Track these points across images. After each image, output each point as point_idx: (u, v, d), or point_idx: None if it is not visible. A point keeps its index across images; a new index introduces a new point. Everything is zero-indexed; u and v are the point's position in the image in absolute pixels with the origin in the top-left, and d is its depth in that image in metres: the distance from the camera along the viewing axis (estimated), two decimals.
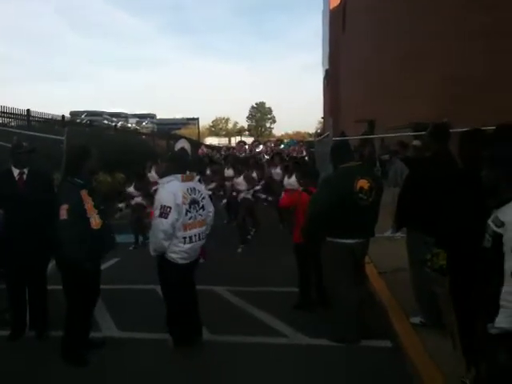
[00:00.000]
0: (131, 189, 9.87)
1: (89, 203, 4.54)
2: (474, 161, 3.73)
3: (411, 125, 13.92)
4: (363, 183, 4.84)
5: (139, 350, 4.95)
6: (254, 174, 10.63)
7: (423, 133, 5.68)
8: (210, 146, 27.17)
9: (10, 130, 9.86)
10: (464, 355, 3.73)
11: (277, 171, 12.00)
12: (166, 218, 4.61)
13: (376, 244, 6.79)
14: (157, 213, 4.64)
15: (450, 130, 5.05)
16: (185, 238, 4.74)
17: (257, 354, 4.85)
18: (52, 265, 5.20)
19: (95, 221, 4.55)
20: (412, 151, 8.31)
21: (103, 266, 5.47)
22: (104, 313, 5.83)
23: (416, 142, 7.89)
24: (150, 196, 9.31)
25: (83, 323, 4.76)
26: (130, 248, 9.51)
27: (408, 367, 4.45)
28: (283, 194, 7.10)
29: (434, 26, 14.82)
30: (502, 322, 2.71)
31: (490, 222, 2.86)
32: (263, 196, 11.11)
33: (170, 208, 4.62)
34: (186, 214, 4.72)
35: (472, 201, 3.50)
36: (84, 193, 4.54)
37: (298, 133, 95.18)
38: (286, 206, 6.51)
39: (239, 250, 9.35)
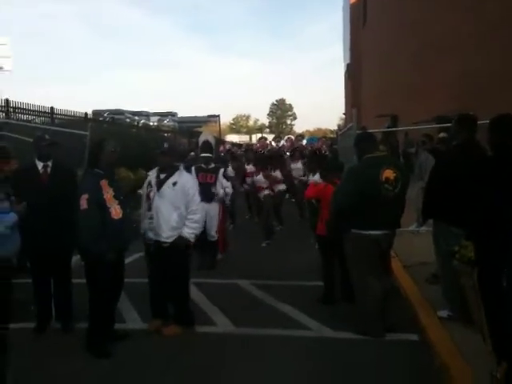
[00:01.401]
0: None
1: (109, 193, 4.60)
2: (505, 147, 3.65)
3: (434, 119, 13.74)
4: (389, 173, 4.76)
5: (163, 341, 4.95)
6: (278, 173, 10.54)
7: (448, 125, 5.58)
8: (231, 143, 27.06)
9: (35, 125, 9.97)
10: (494, 348, 3.64)
11: (297, 166, 11.88)
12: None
13: (401, 238, 6.71)
14: (198, 199, 5.12)
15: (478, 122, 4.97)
16: None
17: (282, 346, 4.81)
18: (77, 258, 5.23)
19: (115, 211, 4.59)
20: (437, 143, 8.17)
21: (128, 260, 5.50)
22: (128, 306, 5.84)
23: (442, 134, 7.75)
24: None
25: (107, 315, 4.79)
26: None
27: (436, 361, 4.37)
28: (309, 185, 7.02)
29: (453, 18, 14.60)
30: None
31: None
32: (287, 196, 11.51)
33: None
34: None
35: (504, 188, 3.41)
36: (104, 182, 4.61)
37: (319, 129, 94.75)
38: (312, 197, 6.41)
39: (263, 244, 9.31)
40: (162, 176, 5.10)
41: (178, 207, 5.03)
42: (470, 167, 4.13)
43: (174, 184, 5.04)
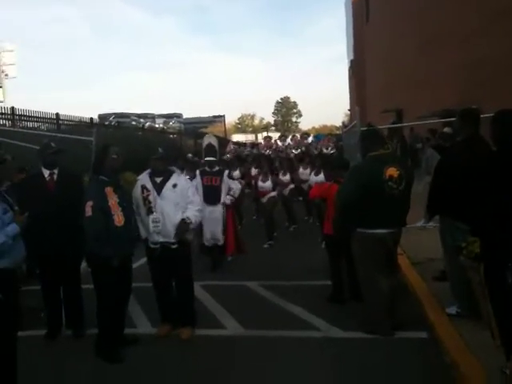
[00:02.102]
0: None
1: (113, 200, 4.63)
2: (508, 142, 3.63)
3: (439, 112, 13.70)
4: (392, 171, 4.75)
5: (174, 345, 4.97)
6: (288, 177, 10.53)
7: (453, 119, 5.56)
8: (237, 143, 27.03)
9: (40, 132, 10.03)
10: (503, 344, 3.64)
11: (306, 171, 11.68)
12: None
13: (408, 234, 6.71)
14: (197, 198, 5.46)
15: (481, 116, 4.95)
16: None
17: (291, 347, 4.82)
18: (85, 264, 5.27)
19: (118, 218, 4.62)
20: (437, 138, 8.16)
21: (136, 264, 5.52)
22: (138, 310, 5.88)
23: (447, 129, 7.72)
24: None
25: (116, 320, 4.81)
26: None
27: (445, 358, 4.36)
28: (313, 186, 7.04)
29: (456, 8, 14.55)
30: None
31: None
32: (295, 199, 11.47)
33: None
34: None
35: (508, 183, 3.40)
36: (109, 189, 4.64)
37: (324, 126, 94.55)
38: (315, 197, 6.41)
39: (265, 246, 9.32)
40: (159, 179, 5.12)
41: (181, 207, 5.11)
42: (476, 162, 4.11)
43: (174, 186, 5.09)
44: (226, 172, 7.90)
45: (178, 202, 5.08)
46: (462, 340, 4.49)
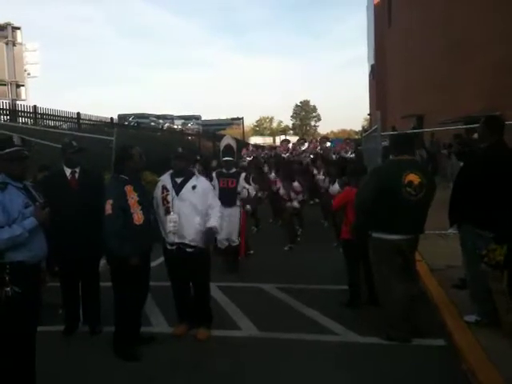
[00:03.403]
0: None
1: (133, 198, 4.67)
2: None
3: (462, 118, 13.58)
4: (413, 178, 4.70)
5: (189, 345, 4.98)
6: (297, 184, 10.47)
7: (476, 125, 5.50)
8: (255, 146, 26.96)
9: (62, 131, 10.15)
10: None
11: (320, 177, 11.54)
12: None
13: (428, 241, 6.64)
14: (217, 200, 5.38)
15: (506, 123, 4.89)
16: None
17: (306, 351, 4.80)
18: (104, 261, 5.31)
19: (137, 216, 4.67)
20: (457, 144, 8.08)
21: (155, 263, 5.55)
22: (155, 309, 5.90)
23: (476, 136, 7.64)
24: None
25: (132, 318, 4.84)
26: None
27: (463, 366, 4.30)
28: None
29: (481, 13, 14.42)
30: None
31: None
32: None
33: None
34: None
35: None
36: (129, 188, 4.69)
37: (343, 130, 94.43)
38: (339, 206, 6.28)
39: (286, 248, 9.26)
40: (179, 180, 5.12)
41: (200, 210, 5.08)
42: (501, 169, 4.06)
43: (194, 187, 5.08)
44: (243, 175, 7.87)
45: (196, 204, 5.07)
46: (481, 348, 4.43)
